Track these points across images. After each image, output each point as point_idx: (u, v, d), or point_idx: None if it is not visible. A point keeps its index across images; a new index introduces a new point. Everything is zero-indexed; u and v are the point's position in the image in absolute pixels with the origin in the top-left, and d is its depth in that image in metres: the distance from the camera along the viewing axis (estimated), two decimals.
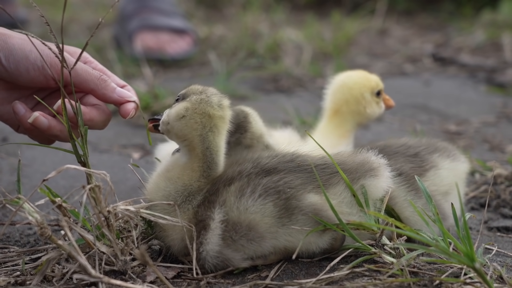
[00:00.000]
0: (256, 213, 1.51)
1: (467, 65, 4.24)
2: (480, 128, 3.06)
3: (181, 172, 1.58)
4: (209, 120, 1.56)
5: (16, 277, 1.52)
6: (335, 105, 2.05)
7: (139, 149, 2.73)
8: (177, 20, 4.29)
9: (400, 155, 1.76)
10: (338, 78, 2.09)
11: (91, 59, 1.74)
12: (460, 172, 1.83)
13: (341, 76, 2.10)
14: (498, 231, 1.93)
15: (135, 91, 1.73)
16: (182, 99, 1.59)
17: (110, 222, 1.51)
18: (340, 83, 2.07)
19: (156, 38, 4.13)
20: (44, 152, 2.58)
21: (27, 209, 1.45)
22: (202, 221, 1.53)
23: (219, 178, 1.58)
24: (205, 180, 1.58)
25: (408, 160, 1.75)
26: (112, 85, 1.67)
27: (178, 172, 1.58)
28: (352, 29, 4.79)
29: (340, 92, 2.04)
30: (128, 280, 1.51)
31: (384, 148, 1.76)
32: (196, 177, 1.58)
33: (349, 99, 2.03)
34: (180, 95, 1.61)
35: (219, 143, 1.59)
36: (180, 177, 1.58)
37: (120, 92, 1.68)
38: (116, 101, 1.68)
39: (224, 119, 1.59)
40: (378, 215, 1.50)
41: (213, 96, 1.59)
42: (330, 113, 2.06)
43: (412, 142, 1.83)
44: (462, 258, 1.38)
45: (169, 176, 1.59)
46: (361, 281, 1.48)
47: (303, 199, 1.53)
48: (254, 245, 1.53)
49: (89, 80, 1.64)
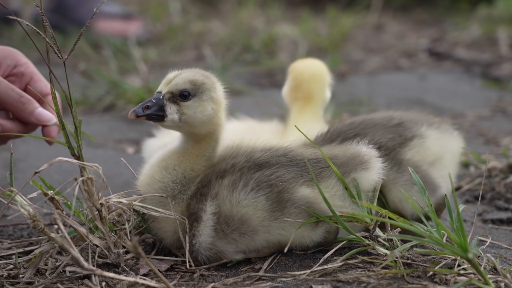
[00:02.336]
0: (248, 206, 1.51)
1: (462, 60, 4.24)
2: (475, 122, 3.06)
3: (181, 158, 1.58)
4: (223, 112, 1.61)
5: (9, 270, 1.52)
6: (310, 93, 2.04)
7: (133, 144, 2.72)
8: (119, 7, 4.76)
9: (380, 127, 1.71)
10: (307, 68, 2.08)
11: (24, 60, 1.76)
12: (450, 147, 1.78)
13: (307, 65, 2.10)
14: (492, 223, 1.93)
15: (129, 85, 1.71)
16: (193, 95, 1.56)
17: (103, 215, 1.51)
18: (312, 72, 2.06)
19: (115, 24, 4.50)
20: (38, 147, 2.57)
21: (19, 201, 1.44)
22: (194, 213, 1.53)
23: (211, 170, 1.58)
24: (206, 164, 1.60)
25: (388, 131, 1.70)
26: (30, 108, 1.69)
27: (176, 159, 1.58)
28: (347, 24, 4.78)
29: (314, 80, 2.04)
30: (122, 272, 1.50)
31: (364, 121, 1.73)
32: (199, 162, 1.59)
33: (322, 87, 2.05)
34: (189, 90, 1.56)
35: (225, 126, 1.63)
36: (179, 164, 1.58)
37: (38, 115, 1.70)
38: (35, 124, 1.72)
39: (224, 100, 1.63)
40: (371, 206, 1.50)
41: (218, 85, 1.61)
42: (304, 102, 2.05)
43: (398, 114, 1.77)
44: (456, 249, 1.38)
45: (164, 165, 1.58)
46: (355, 272, 1.48)
47: (295, 192, 1.53)
48: (247, 239, 1.52)
49: (8, 102, 1.68)
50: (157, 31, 4.94)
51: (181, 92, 1.56)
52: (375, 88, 3.61)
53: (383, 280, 1.43)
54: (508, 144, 2.66)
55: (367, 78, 3.86)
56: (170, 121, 1.56)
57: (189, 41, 4.70)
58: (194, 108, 1.55)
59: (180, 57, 4.25)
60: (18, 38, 4.44)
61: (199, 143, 1.59)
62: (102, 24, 4.48)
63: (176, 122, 1.56)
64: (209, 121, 1.57)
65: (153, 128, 2.89)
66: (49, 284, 1.45)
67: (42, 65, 1.63)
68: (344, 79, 3.85)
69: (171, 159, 1.58)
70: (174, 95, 1.56)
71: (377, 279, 1.44)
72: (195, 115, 1.55)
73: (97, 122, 2.96)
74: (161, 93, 1.57)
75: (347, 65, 4.11)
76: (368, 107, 3.20)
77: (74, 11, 4.54)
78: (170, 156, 1.59)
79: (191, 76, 1.58)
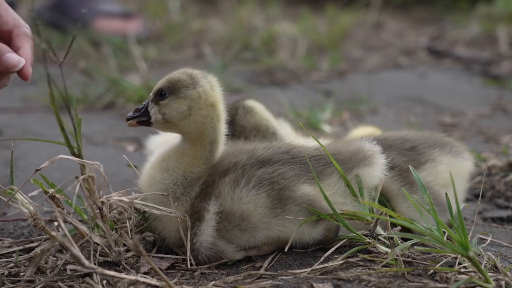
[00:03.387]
0: (249, 203, 1.51)
1: (462, 58, 4.24)
2: (475, 120, 3.06)
3: (180, 160, 1.57)
4: (212, 110, 1.57)
5: (10, 268, 1.52)
6: None
7: (133, 142, 2.72)
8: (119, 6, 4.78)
9: (395, 148, 1.74)
10: None
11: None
12: (461, 168, 1.81)
13: None
14: (492, 221, 1.93)
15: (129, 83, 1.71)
16: (170, 93, 1.56)
17: (104, 213, 1.51)
18: None
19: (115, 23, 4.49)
20: (38, 146, 2.57)
21: (20, 200, 1.44)
22: (197, 212, 1.53)
23: (215, 170, 1.58)
24: (205, 166, 1.58)
25: (402, 154, 1.73)
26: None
27: (175, 161, 1.57)
28: (347, 22, 4.78)
29: None
30: (122, 271, 1.50)
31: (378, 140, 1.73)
32: (197, 164, 1.57)
33: None
34: (165, 89, 1.56)
35: (222, 127, 1.60)
36: (178, 165, 1.57)
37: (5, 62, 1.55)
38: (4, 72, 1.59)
39: (220, 99, 1.59)
40: (372, 204, 1.50)
41: (204, 82, 1.57)
42: None
43: (411, 135, 1.80)
44: (456, 247, 1.38)
45: (165, 166, 1.58)
46: (355, 271, 1.48)
47: (296, 189, 1.53)
48: (247, 235, 1.53)
49: None
50: (157, 29, 4.93)
51: (159, 91, 1.56)
52: (375, 86, 3.61)
53: (383, 278, 1.44)
54: (508, 142, 2.66)
55: (366, 76, 3.86)
56: (155, 121, 1.56)
57: (188, 39, 4.70)
58: (170, 106, 1.55)
59: (179, 55, 4.24)
60: None
61: (194, 145, 1.58)
62: (101, 22, 4.47)
63: (161, 122, 1.56)
64: (189, 118, 1.54)
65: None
66: (49, 282, 1.45)
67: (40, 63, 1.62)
68: (344, 77, 3.85)
69: (171, 159, 1.58)
70: (155, 94, 1.57)
71: (378, 277, 1.44)
72: (172, 113, 1.54)
73: (97, 121, 2.96)
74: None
75: (346, 63, 4.11)
76: (368, 106, 3.20)
77: (74, 10, 4.54)
78: (170, 156, 1.59)
79: (171, 75, 1.58)
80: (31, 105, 3.23)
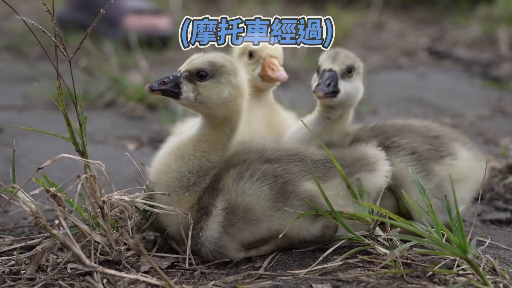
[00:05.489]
0: (251, 195, 1.53)
1: (462, 59, 4.25)
2: (474, 122, 3.06)
3: (196, 147, 1.58)
4: (243, 100, 1.60)
5: (10, 266, 1.52)
6: None
7: (134, 140, 2.73)
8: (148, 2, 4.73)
9: (419, 134, 1.74)
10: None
11: None
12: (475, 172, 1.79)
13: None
14: (491, 223, 1.94)
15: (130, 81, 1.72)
16: (211, 76, 1.56)
17: (105, 212, 1.51)
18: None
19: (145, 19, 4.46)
20: (39, 143, 2.57)
21: (21, 198, 1.45)
22: (205, 207, 1.55)
23: (225, 165, 1.59)
24: (221, 154, 1.60)
25: (426, 141, 1.73)
26: None
27: (191, 149, 1.58)
28: (348, 22, 4.79)
29: None
30: (123, 269, 1.51)
31: (405, 125, 1.77)
32: (215, 150, 1.59)
33: None
34: (207, 71, 1.56)
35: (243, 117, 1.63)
36: (194, 154, 1.58)
37: None
38: None
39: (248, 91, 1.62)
40: (372, 206, 1.51)
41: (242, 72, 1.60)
42: None
43: (435, 126, 1.81)
44: (455, 250, 1.39)
45: (180, 155, 1.58)
46: (354, 272, 1.49)
47: (300, 185, 1.55)
48: (251, 227, 1.54)
49: None
50: None
51: (198, 72, 1.56)
52: (375, 87, 3.61)
53: (382, 279, 1.44)
54: (508, 144, 2.67)
55: (367, 77, 3.84)
56: (185, 99, 1.56)
57: None
58: (210, 89, 1.55)
59: (180, 54, 4.24)
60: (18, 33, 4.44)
61: (215, 129, 1.59)
62: (131, 19, 4.41)
63: (192, 101, 1.56)
64: (225, 105, 1.56)
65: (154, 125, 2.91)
66: (50, 280, 1.45)
67: (45, 60, 1.62)
68: None
69: (187, 148, 1.58)
70: (191, 73, 1.56)
71: (377, 279, 1.45)
72: (210, 96, 1.55)
73: (98, 119, 2.96)
74: (180, 71, 1.57)
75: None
76: (368, 106, 3.21)
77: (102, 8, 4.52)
78: (186, 144, 1.59)
79: (212, 58, 1.58)
80: (32, 103, 3.24)
